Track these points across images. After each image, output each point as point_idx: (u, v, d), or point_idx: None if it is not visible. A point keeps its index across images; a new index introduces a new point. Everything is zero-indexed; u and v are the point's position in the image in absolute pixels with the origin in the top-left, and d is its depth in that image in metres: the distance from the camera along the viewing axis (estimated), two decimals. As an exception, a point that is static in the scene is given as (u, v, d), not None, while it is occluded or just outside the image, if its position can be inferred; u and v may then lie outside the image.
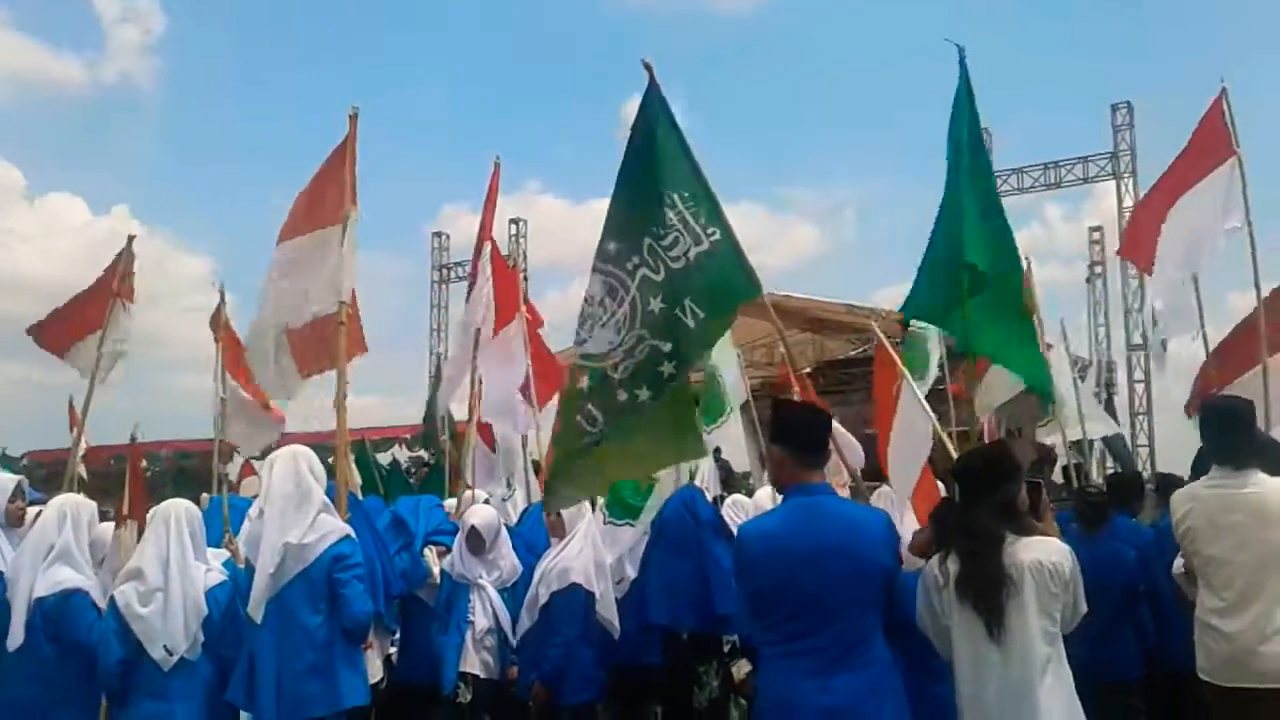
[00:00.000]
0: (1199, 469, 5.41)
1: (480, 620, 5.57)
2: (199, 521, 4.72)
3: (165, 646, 4.36)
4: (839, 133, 54.81)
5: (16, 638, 4.49)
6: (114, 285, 7.41)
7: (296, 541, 4.46)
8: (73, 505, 4.84)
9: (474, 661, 5.52)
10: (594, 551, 5.63)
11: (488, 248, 7.88)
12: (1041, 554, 3.53)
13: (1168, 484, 6.36)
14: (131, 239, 7.58)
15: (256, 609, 4.40)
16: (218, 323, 7.82)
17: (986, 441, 6.97)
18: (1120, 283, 24.64)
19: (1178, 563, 4.50)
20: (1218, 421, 4.43)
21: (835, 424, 4.01)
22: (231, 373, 7.67)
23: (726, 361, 8.16)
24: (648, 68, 4.66)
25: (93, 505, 5.00)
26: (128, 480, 5.46)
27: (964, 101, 5.53)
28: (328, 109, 59.52)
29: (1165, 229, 6.73)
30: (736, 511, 6.38)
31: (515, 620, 5.66)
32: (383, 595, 5.14)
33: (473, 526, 5.73)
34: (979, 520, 3.56)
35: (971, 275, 5.34)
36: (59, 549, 4.64)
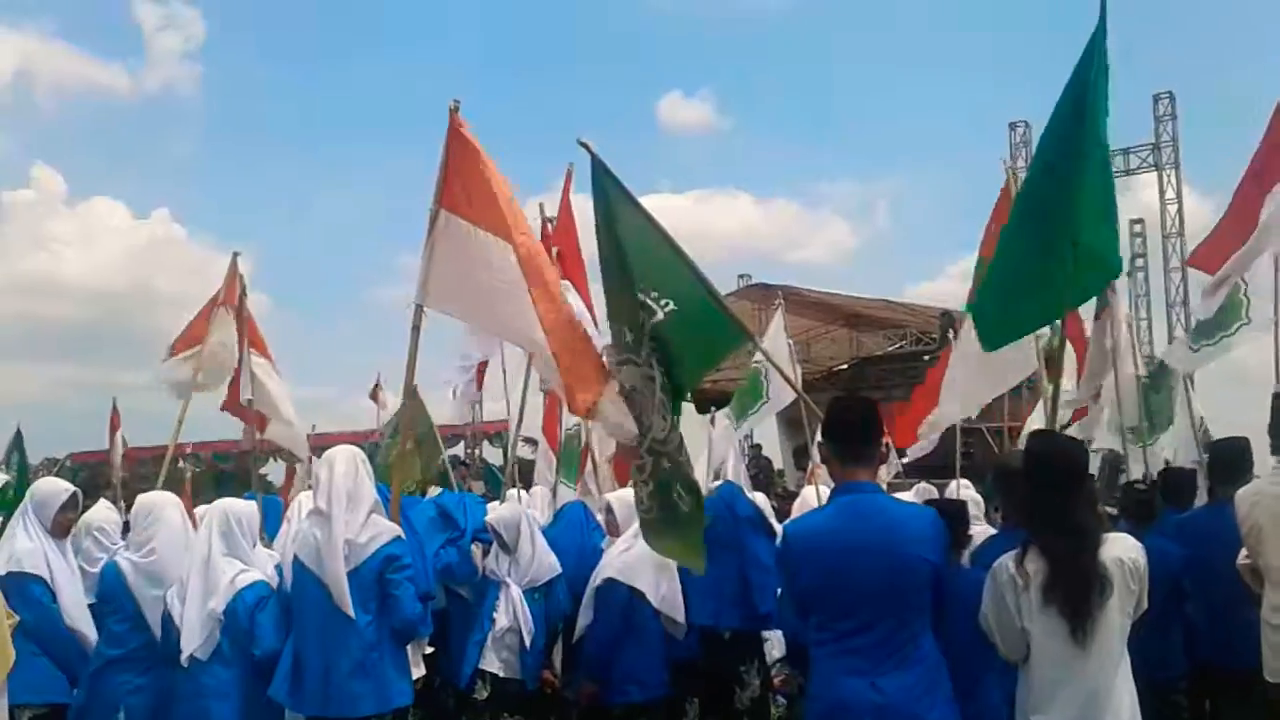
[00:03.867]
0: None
1: (501, 619, 5.53)
2: (243, 521, 4.78)
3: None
4: (869, 126, 54.56)
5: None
6: (220, 296, 7.72)
7: (351, 539, 4.48)
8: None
9: (492, 660, 5.49)
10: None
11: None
12: (1121, 551, 3.44)
13: (1173, 482, 6.27)
14: (236, 255, 7.94)
15: (348, 607, 4.40)
16: (232, 293, 7.84)
17: None
18: (1163, 276, 24.35)
19: (1243, 553, 4.37)
20: None
21: None
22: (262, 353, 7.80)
23: (778, 353, 8.09)
24: (585, 146, 4.71)
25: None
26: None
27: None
28: (363, 112, 59.90)
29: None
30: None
31: (540, 620, 5.62)
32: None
33: (487, 521, 5.74)
34: (1078, 518, 3.44)
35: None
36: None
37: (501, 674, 5.50)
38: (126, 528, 5.37)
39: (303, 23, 58.52)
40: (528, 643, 5.53)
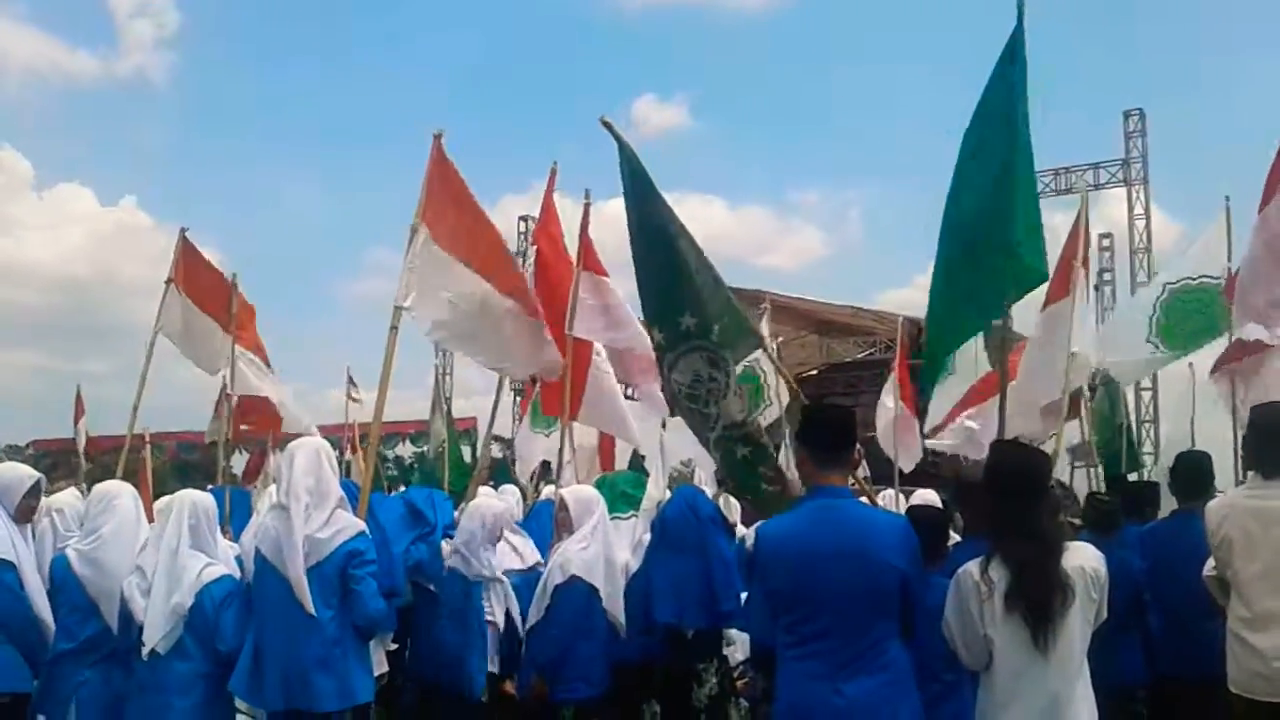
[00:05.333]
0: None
1: (497, 616, 5.62)
2: (207, 513, 4.69)
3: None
4: (842, 134, 54.82)
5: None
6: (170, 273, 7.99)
7: (314, 535, 4.45)
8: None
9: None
10: (604, 548, 5.58)
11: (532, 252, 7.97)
12: (1083, 560, 3.48)
13: (1135, 494, 6.32)
14: (183, 230, 8.23)
15: (308, 603, 4.36)
16: (229, 314, 7.91)
17: None
18: (1129, 291, 24.58)
19: (1209, 565, 4.42)
20: (1257, 428, 4.36)
21: None
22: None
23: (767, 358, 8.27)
24: (608, 126, 4.88)
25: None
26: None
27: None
28: (337, 105, 59.52)
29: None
30: (727, 512, 6.41)
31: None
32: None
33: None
34: (1042, 525, 3.48)
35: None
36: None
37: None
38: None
39: (278, 14, 58.20)
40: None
